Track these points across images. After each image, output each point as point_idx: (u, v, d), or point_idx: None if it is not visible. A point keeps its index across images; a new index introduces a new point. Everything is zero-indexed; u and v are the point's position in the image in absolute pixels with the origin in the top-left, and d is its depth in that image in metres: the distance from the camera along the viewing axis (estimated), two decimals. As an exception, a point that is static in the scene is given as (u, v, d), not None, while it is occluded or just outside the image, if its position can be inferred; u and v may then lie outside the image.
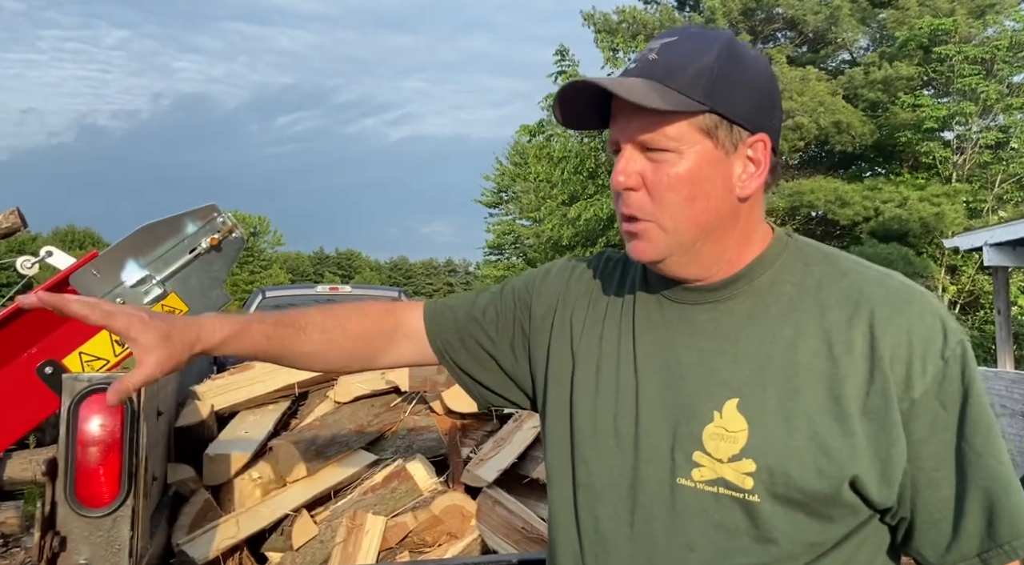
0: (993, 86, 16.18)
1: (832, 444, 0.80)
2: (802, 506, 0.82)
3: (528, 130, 18.79)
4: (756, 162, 0.88)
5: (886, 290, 0.85)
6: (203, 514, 1.79)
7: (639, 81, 0.85)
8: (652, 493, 0.88)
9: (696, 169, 0.85)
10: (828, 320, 0.84)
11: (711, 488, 0.84)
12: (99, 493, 1.15)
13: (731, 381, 0.86)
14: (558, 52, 18.42)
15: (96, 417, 1.16)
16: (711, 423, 0.86)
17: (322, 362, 1.06)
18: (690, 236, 0.87)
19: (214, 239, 2.04)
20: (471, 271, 65.08)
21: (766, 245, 0.92)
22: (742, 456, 0.83)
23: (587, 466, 0.94)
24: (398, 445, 2.19)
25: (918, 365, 0.80)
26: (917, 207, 16.49)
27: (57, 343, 1.88)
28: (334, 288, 7.44)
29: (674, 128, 0.84)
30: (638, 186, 0.87)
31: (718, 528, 0.84)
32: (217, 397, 2.06)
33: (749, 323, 0.88)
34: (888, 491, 0.81)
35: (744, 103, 0.86)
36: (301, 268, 61.69)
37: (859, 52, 21.04)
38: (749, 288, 0.90)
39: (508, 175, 30.08)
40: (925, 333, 0.82)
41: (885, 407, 0.80)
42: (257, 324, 0.99)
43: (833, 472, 0.80)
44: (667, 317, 0.94)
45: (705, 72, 0.84)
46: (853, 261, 0.91)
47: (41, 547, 1.11)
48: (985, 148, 16.97)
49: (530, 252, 24.79)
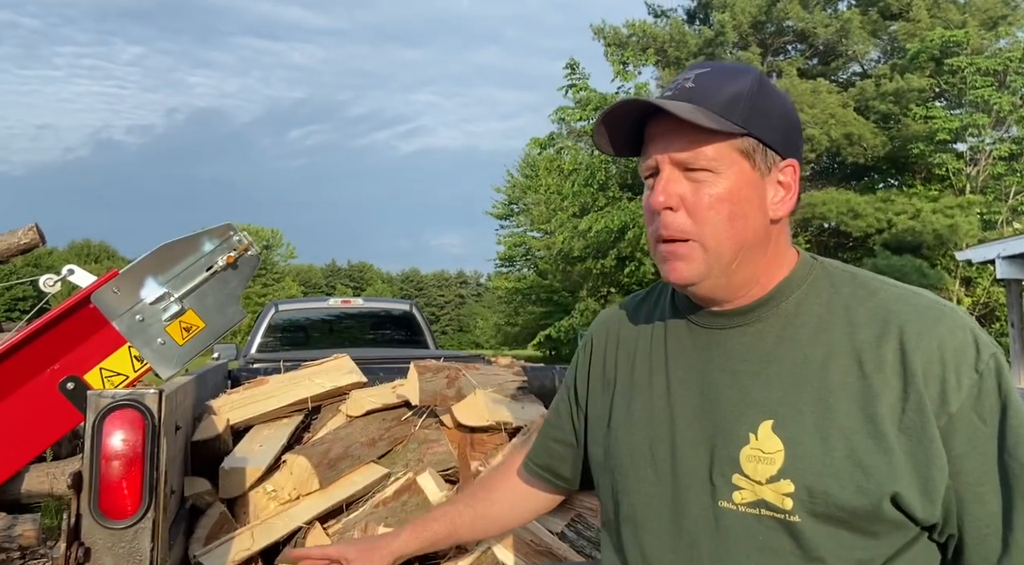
0: (1006, 97, 16.14)
1: (870, 462, 0.81)
2: (845, 523, 0.82)
3: (539, 143, 18.89)
4: (786, 187, 0.92)
5: (914, 307, 0.87)
6: (219, 526, 1.84)
7: (686, 104, 0.88)
8: (695, 518, 0.89)
9: (736, 189, 0.89)
10: (858, 339, 0.86)
11: (753, 510, 0.85)
12: (122, 506, 1.20)
13: (765, 403, 0.88)
14: (568, 66, 18.54)
15: (119, 432, 1.21)
16: (747, 445, 0.87)
17: (489, 532, 1.35)
18: (728, 256, 0.90)
19: (230, 257, 2.09)
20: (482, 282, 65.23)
21: (792, 268, 0.95)
22: (780, 477, 0.84)
23: (628, 498, 0.97)
24: (409, 458, 2.22)
25: (952, 380, 0.81)
26: (930, 219, 16.41)
27: (78, 359, 1.94)
28: (346, 301, 7.49)
29: (713, 149, 0.88)
30: (678, 206, 0.90)
31: (763, 550, 0.85)
32: (233, 411, 2.10)
33: (780, 345, 0.90)
34: (932, 507, 0.81)
35: (775, 130, 0.90)
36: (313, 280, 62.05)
37: (870, 64, 21.04)
38: (777, 311, 0.92)
39: (519, 187, 30.21)
40: (957, 348, 0.82)
41: (922, 424, 0.81)
42: (432, 529, 1.23)
43: (872, 489, 0.81)
44: (697, 343, 0.97)
45: (742, 98, 0.88)
46: (880, 280, 0.92)
47: (67, 557, 1.15)
48: (999, 160, 16.90)
49: (541, 264, 24.84)
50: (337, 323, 7.62)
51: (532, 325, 24.28)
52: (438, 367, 2.38)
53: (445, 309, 68.39)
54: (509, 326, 28.88)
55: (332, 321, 7.62)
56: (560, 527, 2.07)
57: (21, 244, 6.65)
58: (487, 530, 1.30)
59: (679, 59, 19.97)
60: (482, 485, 1.30)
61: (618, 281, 18.65)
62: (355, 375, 2.36)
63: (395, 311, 7.60)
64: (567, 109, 18.61)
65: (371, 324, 7.68)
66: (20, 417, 1.83)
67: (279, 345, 6.44)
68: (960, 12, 17.89)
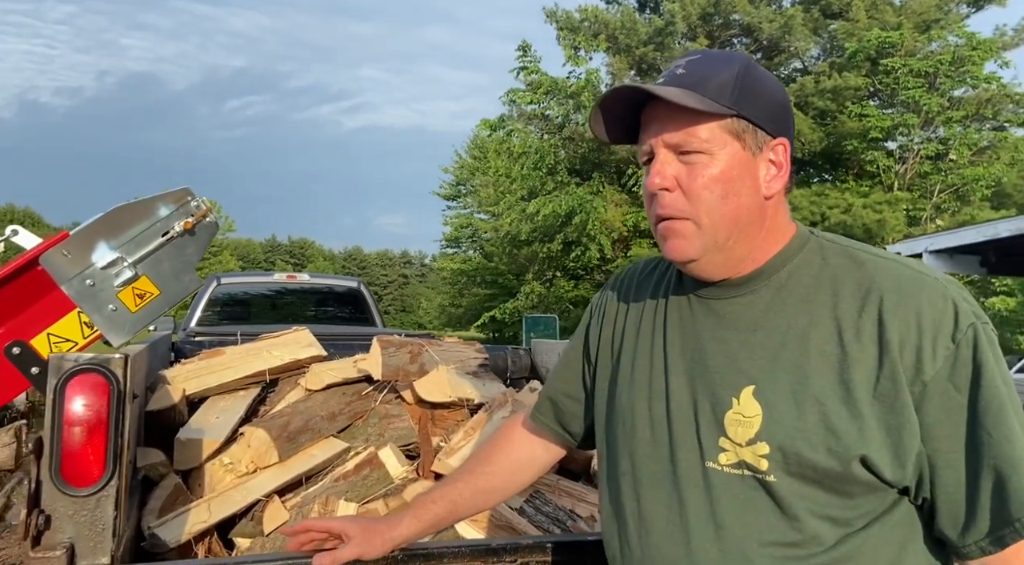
0: (935, 99, 16.86)
1: (840, 426, 0.85)
2: (818, 483, 0.87)
3: (489, 125, 18.79)
4: (778, 164, 0.95)
5: (896, 278, 0.90)
6: (173, 498, 1.79)
7: (676, 88, 0.91)
8: (685, 476, 0.94)
9: (728, 169, 0.92)
10: (840, 309, 0.90)
11: (736, 471, 0.90)
12: (85, 473, 1.15)
13: (748, 369, 0.92)
14: (520, 48, 18.46)
15: (83, 397, 1.16)
16: (730, 409, 0.92)
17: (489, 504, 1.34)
18: (724, 233, 0.93)
19: (188, 223, 2.02)
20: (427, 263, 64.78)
21: (788, 241, 0.98)
22: (757, 440, 0.89)
23: (629, 456, 1.01)
24: (369, 433, 2.20)
25: (928, 349, 0.84)
26: (861, 214, 17.08)
27: (25, 324, 1.84)
28: (292, 277, 7.32)
29: (706, 130, 0.91)
30: (673, 187, 0.93)
31: (745, 507, 0.89)
32: (188, 382, 2.04)
33: (768, 314, 0.94)
34: (902, 471, 0.85)
35: (765, 110, 0.93)
36: (252, 255, 60.41)
37: (811, 61, 21.64)
38: (770, 282, 0.96)
39: (467, 168, 30.02)
40: (935, 317, 0.85)
41: (895, 391, 0.84)
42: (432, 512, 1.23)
43: (841, 451, 0.85)
44: (695, 312, 1.01)
45: (730, 82, 0.91)
46: (872, 252, 0.95)
47: (28, 525, 1.10)
48: (926, 159, 17.68)
49: (487, 246, 24.83)
50: (281, 299, 7.44)
51: (476, 307, 24.26)
52: (400, 342, 2.36)
53: (388, 289, 67.68)
54: (453, 307, 28.77)
55: (276, 296, 7.43)
56: (519, 503, 2.09)
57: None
58: (487, 503, 1.31)
59: (630, 47, 20.12)
60: (478, 460, 1.30)
61: (564, 265, 18.81)
62: (315, 348, 2.31)
63: (342, 288, 7.47)
64: (518, 91, 18.54)
65: (317, 301, 7.53)
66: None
67: (220, 319, 6.25)
68: (896, 14, 18.53)
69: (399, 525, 1.23)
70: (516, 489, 1.31)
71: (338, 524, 1.23)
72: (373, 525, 1.23)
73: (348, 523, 1.23)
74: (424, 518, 1.23)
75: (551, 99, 18.34)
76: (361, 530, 1.20)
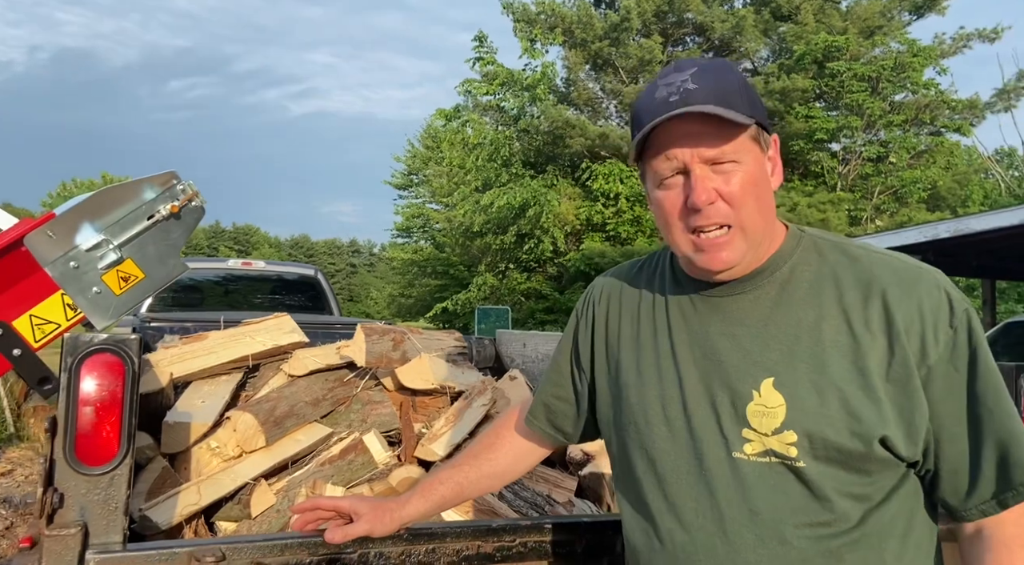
0: (878, 103, 17.52)
1: (861, 409, 0.92)
2: (842, 464, 0.93)
3: (444, 114, 18.69)
4: (773, 160, 1.03)
5: (894, 271, 0.98)
6: (161, 481, 1.78)
7: (711, 106, 0.94)
8: (712, 468, 0.98)
9: (755, 173, 0.98)
10: (846, 301, 0.97)
11: (763, 459, 0.96)
12: (100, 452, 1.15)
13: (765, 362, 0.97)
14: (477, 38, 18.41)
15: (98, 377, 1.17)
16: (752, 402, 0.97)
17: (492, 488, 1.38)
18: (759, 234, 0.99)
19: (174, 206, 2.01)
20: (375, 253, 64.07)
21: (783, 239, 1.04)
22: (784, 429, 0.94)
23: (646, 453, 1.05)
24: (352, 419, 2.22)
25: (931, 336, 0.93)
26: (805, 213, 17.64)
27: (7, 305, 1.81)
28: (247, 263, 7.18)
29: (736, 142, 0.96)
30: (716, 199, 0.97)
31: (776, 492, 0.95)
32: (174, 365, 2.02)
33: (776, 309, 1.00)
34: (914, 448, 0.94)
35: (762, 111, 1.00)
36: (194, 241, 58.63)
37: (760, 62, 22.19)
38: (773, 278, 1.02)
39: (420, 158, 29.77)
40: (933, 306, 0.94)
41: (906, 376, 0.92)
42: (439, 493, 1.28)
43: (864, 433, 0.92)
44: (698, 308, 1.05)
45: (741, 90, 0.97)
46: (861, 247, 1.04)
47: (43, 503, 1.10)
48: (867, 160, 18.38)
49: (439, 236, 24.70)
50: (235, 285, 7.29)
51: (427, 297, 24.14)
52: (384, 329, 2.38)
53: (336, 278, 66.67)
54: (403, 297, 28.54)
55: (230, 283, 7.28)
56: (499, 488, 2.15)
57: None
58: (491, 486, 1.35)
59: (585, 41, 20.26)
60: (483, 446, 1.35)
61: (517, 257, 18.88)
62: (296, 334, 2.32)
63: (298, 276, 7.36)
64: (473, 82, 18.50)
65: (272, 288, 7.40)
66: (-60, 365, 1.69)
67: (170, 306, 6.11)
68: (843, 19, 19.15)
69: (407, 504, 1.26)
70: (517, 475, 1.36)
71: (347, 503, 1.26)
72: (382, 504, 1.26)
73: (357, 502, 1.26)
74: (431, 498, 1.27)
75: (507, 91, 18.37)
76: (371, 508, 1.24)
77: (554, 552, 1.43)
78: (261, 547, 1.24)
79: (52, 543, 1.11)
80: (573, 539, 1.45)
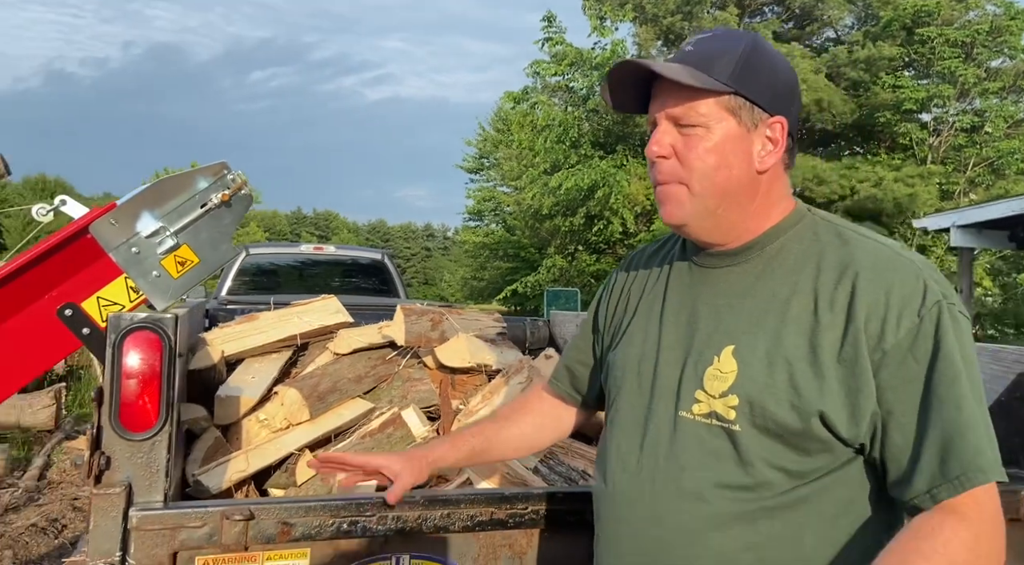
0: (971, 70, 16.44)
1: (804, 384, 0.95)
2: (779, 437, 0.96)
3: (512, 97, 18.68)
4: (774, 141, 1.03)
5: (874, 257, 0.99)
6: (214, 450, 1.93)
7: (677, 65, 1.00)
8: (658, 424, 1.05)
9: (722, 143, 1.00)
10: (820, 281, 0.99)
11: (706, 420, 1.01)
12: (141, 420, 1.28)
13: (731, 331, 1.02)
14: (545, 18, 18.28)
15: (138, 351, 1.29)
16: (711, 366, 1.02)
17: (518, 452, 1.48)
18: (713, 201, 1.02)
19: (225, 195, 2.14)
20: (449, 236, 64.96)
21: (784, 217, 1.07)
22: (729, 392, 0.99)
23: (616, 404, 1.14)
24: (393, 395, 2.33)
25: (893, 321, 0.93)
26: (892, 187, 16.80)
27: (76, 287, 1.98)
28: (318, 248, 7.49)
29: (704, 105, 1.00)
30: (670, 155, 1.02)
31: (708, 453, 1.00)
32: (227, 344, 2.18)
33: (757, 283, 1.04)
34: (856, 429, 0.94)
35: (765, 89, 1.01)
36: (278, 227, 61.04)
37: (844, 30, 21.12)
38: (762, 253, 1.05)
39: (490, 141, 29.92)
40: (905, 293, 0.94)
41: (855, 356, 0.94)
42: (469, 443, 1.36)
43: (803, 407, 0.95)
44: (692, 279, 1.11)
45: (733, 60, 0.99)
46: (858, 232, 1.05)
47: (91, 465, 1.24)
48: (960, 131, 17.29)
49: (510, 219, 24.85)
50: (308, 269, 7.62)
51: (498, 280, 24.38)
52: (422, 310, 2.48)
53: (411, 261, 68.09)
54: (475, 280, 28.92)
55: (303, 267, 7.62)
56: (534, 463, 2.22)
57: (-15, 177, 6.46)
58: (517, 449, 1.43)
59: (657, 16, 19.81)
60: (513, 409, 1.43)
61: (586, 239, 18.80)
62: (342, 315, 2.44)
63: (367, 260, 7.62)
64: (542, 63, 18.40)
65: (342, 271, 7.70)
66: (20, 340, 1.88)
67: (249, 289, 6.45)
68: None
69: (436, 450, 1.34)
70: (542, 442, 1.44)
71: (377, 460, 1.33)
72: (411, 454, 1.33)
73: (386, 458, 1.33)
74: (462, 448, 1.35)
75: (576, 71, 18.19)
76: (404, 460, 1.31)
77: (565, 520, 1.48)
78: (287, 508, 1.35)
79: (99, 501, 1.24)
80: (583, 508, 1.50)
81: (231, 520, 1.29)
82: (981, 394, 0.93)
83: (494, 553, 1.46)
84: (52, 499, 4.66)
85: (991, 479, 0.89)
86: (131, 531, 1.26)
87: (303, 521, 1.35)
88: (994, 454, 0.90)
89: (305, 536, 1.34)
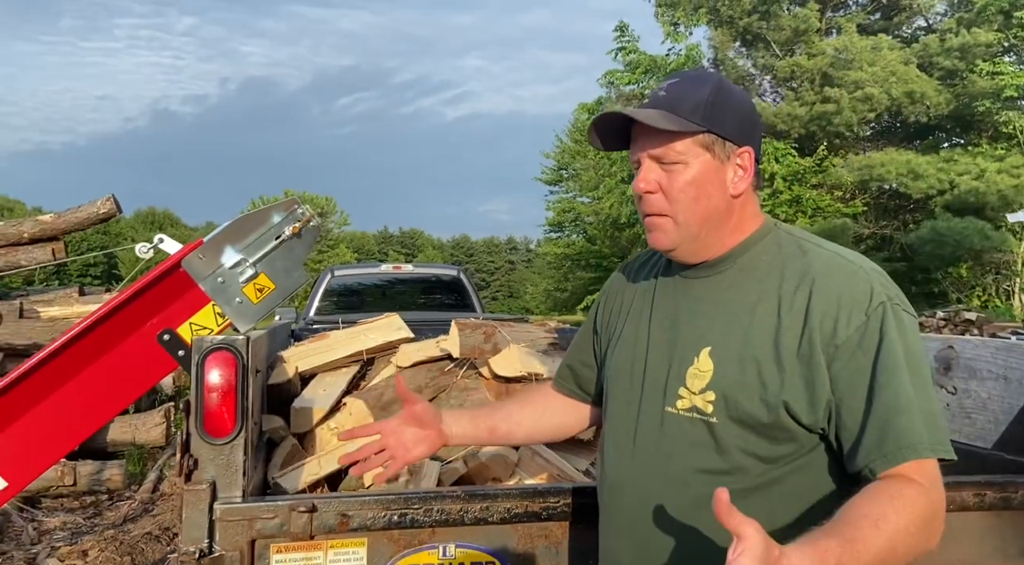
0: (1079, 51, 15.33)
1: (770, 380, 1.09)
2: (751, 427, 1.11)
3: (587, 108, 18.86)
4: (744, 168, 1.18)
5: (829, 266, 1.13)
6: (291, 456, 2.18)
7: (653, 111, 1.15)
8: (647, 419, 1.20)
9: (700, 176, 1.15)
10: (783, 289, 1.13)
11: (688, 414, 1.15)
12: (221, 427, 1.52)
13: (708, 334, 1.17)
14: (618, 28, 18.37)
15: (217, 369, 1.53)
16: (691, 366, 1.17)
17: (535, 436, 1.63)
18: (696, 228, 1.17)
19: (295, 227, 2.39)
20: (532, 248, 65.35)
21: (753, 231, 1.21)
22: (707, 389, 1.14)
23: (611, 402, 1.29)
24: (451, 404, 2.52)
25: (844, 320, 1.07)
26: (995, 179, 15.85)
27: (172, 315, 2.27)
28: (397, 267, 7.83)
29: (681, 145, 1.14)
30: (656, 190, 1.17)
31: (690, 443, 1.15)
32: (300, 361, 2.44)
33: (729, 291, 1.18)
34: (814, 415, 1.08)
35: (732, 124, 1.16)
36: (366, 247, 63.15)
37: (935, 18, 20.14)
38: (735, 265, 1.20)
39: (568, 152, 30.10)
40: (854, 296, 1.08)
41: (811, 352, 1.07)
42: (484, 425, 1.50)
43: (770, 400, 1.09)
44: (676, 288, 1.26)
45: (702, 103, 1.14)
46: (816, 243, 1.18)
47: (181, 465, 1.48)
48: (1070, 117, 16.14)
49: (590, 230, 24.86)
50: (389, 288, 7.99)
51: (581, 290, 24.47)
52: (476, 324, 2.66)
53: (495, 275, 68.96)
54: (559, 292, 29.11)
55: (384, 286, 7.99)
56: (585, 466, 2.35)
57: (100, 214, 7.14)
58: (534, 434, 1.57)
59: (732, 18, 19.50)
60: (531, 394, 1.60)
61: (667, 246, 18.59)
62: (403, 331, 2.66)
63: (444, 277, 7.92)
64: (616, 72, 18.49)
65: (422, 289, 8.02)
66: (128, 361, 2.19)
67: (335, 308, 6.83)
68: (1033, -40, 16.92)
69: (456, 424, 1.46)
70: (544, 432, 1.58)
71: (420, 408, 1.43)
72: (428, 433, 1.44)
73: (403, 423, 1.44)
74: (481, 425, 1.49)
75: (650, 78, 18.16)
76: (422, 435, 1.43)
77: (596, 512, 1.61)
78: (345, 502, 1.55)
79: (189, 496, 1.48)
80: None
81: (297, 512, 1.50)
82: (925, 381, 1.05)
83: (532, 543, 1.61)
84: (164, 509, 5.09)
85: (922, 456, 1.01)
86: (216, 522, 1.49)
87: (359, 513, 1.55)
88: (930, 434, 1.02)
89: (362, 526, 1.54)
